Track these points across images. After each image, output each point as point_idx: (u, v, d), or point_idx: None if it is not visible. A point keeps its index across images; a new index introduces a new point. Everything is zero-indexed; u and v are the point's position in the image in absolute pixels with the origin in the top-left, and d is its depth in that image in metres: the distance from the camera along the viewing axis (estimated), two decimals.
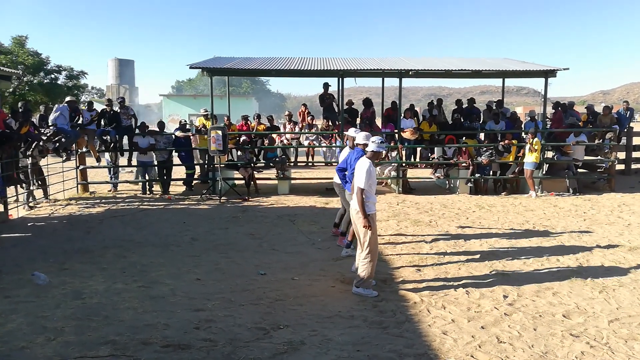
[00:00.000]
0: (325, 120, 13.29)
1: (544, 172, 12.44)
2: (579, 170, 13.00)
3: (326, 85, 13.31)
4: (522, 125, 13.02)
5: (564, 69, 12.11)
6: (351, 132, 7.32)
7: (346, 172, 6.46)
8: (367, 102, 13.35)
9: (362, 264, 5.31)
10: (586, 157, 12.78)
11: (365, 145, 6.19)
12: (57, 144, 10.24)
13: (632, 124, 14.03)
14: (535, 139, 11.35)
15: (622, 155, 13.75)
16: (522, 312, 4.84)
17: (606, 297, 5.25)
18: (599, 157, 13.06)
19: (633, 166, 14.33)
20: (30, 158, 10.04)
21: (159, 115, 39.06)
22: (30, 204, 10.21)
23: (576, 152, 12.26)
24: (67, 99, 11.24)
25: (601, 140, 12.74)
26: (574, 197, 11.55)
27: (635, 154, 14.18)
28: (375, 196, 5.46)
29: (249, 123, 13.22)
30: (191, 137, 12.63)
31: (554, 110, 13.52)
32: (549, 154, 12.83)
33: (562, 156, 12.34)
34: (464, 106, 13.83)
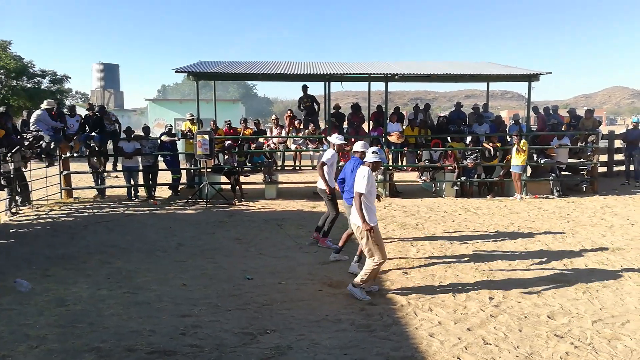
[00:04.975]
0: (312, 125, 13.32)
1: (527, 175, 12.58)
2: (563, 172, 13.19)
3: (305, 88, 13.34)
4: (507, 129, 13.18)
5: (547, 73, 12.28)
6: (333, 138, 7.40)
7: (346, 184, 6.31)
8: (356, 107, 13.43)
9: (367, 266, 5.22)
10: (569, 160, 12.96)
11: (363, 153, 6.21)
12: (39, 150, 10.09)
13: (613, 127, 14.28)
14: (523, 140, 11.49)
15: (604, 157, 13.97)
16: (507, 313, 4.88)
17: (590, 297, 5.32)
18: (582, 160, 13.27)
19: (615, 168, 14.58)
20: (12, 164, 9.88)
21: (138, 121, 38.58)
22: (13, 210, 10.05)
23: (560, 155, 12.44)
24: (44, 104, 10.99)
25: (584, 143, 12.94)
26: (557, 199, 11.70)
27: (617, 157, 14.44)
28: (375, 206, 5.45)
29: (234, 128, 13.18)
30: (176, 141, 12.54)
31: (535, 115, 13.74)
32: (533, 157, 13.00)
33: (546, 159, 12.51)
34: (451, 110, 13.99)
